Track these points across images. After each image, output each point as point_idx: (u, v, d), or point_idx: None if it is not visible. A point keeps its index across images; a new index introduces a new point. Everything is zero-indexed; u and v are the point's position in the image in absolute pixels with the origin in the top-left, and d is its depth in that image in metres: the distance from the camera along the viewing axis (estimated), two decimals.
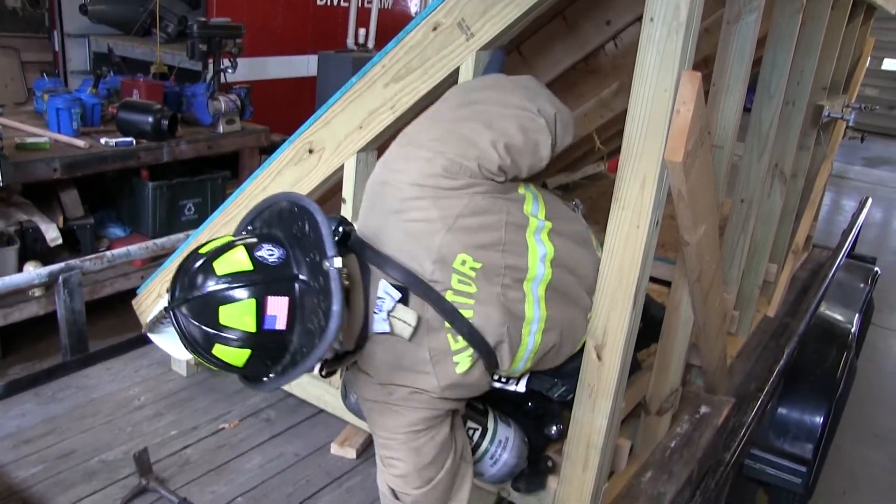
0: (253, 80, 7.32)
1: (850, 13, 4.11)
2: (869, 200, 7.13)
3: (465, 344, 2.01)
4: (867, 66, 5.72)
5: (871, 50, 5.64)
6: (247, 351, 1.75)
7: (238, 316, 1.71)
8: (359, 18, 8.54)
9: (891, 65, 17.32)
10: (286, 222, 1.85)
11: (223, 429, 3.15)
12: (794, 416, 4.32)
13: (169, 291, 1.77)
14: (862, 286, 5.69)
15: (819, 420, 4.31)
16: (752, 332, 4.22)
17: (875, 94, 16.06)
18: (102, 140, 5.41)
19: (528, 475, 2.49)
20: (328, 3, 8.69)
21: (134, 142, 5.50)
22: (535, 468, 2.50)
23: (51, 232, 5.11)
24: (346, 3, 8.68)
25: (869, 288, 5.74)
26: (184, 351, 1.79)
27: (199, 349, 1.77)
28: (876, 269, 6.17)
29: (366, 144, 2.60)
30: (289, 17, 8.28)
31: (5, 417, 3.17)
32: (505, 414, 2.42)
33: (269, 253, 1.76)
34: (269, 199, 1.93)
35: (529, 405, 2.47)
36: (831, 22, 3.66)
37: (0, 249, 4.80)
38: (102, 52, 7.41)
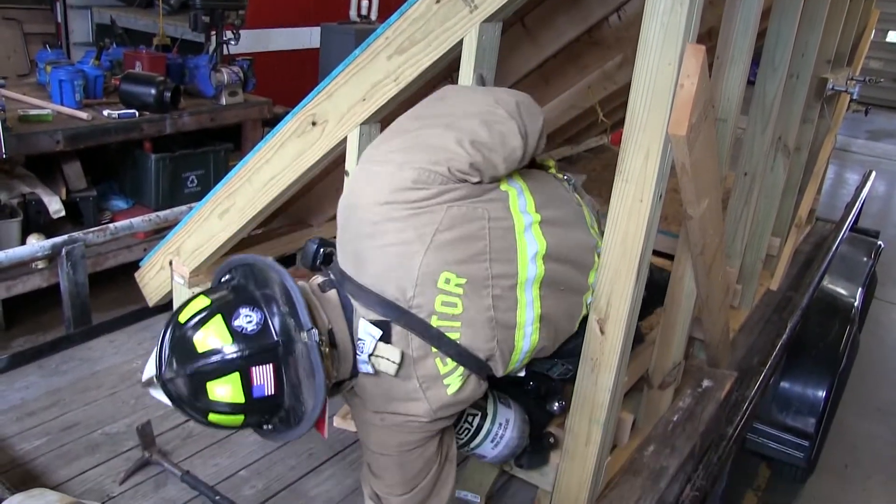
0: (256, 51, 7.28)
1: None
2: (872, 174, 7.11)
3: (455, 364, 1.95)
4: (872, 38, 5.68)
5: (875, 22, 5.62)
6: (241, 416, 1.78)
7: (225, 389, 1.73)
8: None
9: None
10: (259, 282, 1.84)
11: None
12: (797, 391, 4.34)
13: (156, 363, 1.78)
14: (865, 260, 5.69)
15: (821, 394, 4.32)
16: (755, 305, 4.22)
17: (879, 67, 15.98)
18: (105, 112, 5.40)
19: (531, 452, 2.48)
20: None
21: (137, 114, 5.48)
22: (537, 444, 2.49)
23: (54, 204, 5.11)
24: None
25: (872, 262, 5.74)
26: None
27: (195, 418, 1.80)
28: (879, 242, 6.16)
29: (369, 117, 2.58)
30: None
31: (9, 390, 3.18)
32: (505, 394, 2.40)
33: (248, 320, 1.75)
34: (237, 258, 1.92)
35: (531, 385, 2.46)
36: None
37: (3, 222, 4.81)
38: (105, 23, 7.37)
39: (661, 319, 2.93)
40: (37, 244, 3.69)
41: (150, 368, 1.81)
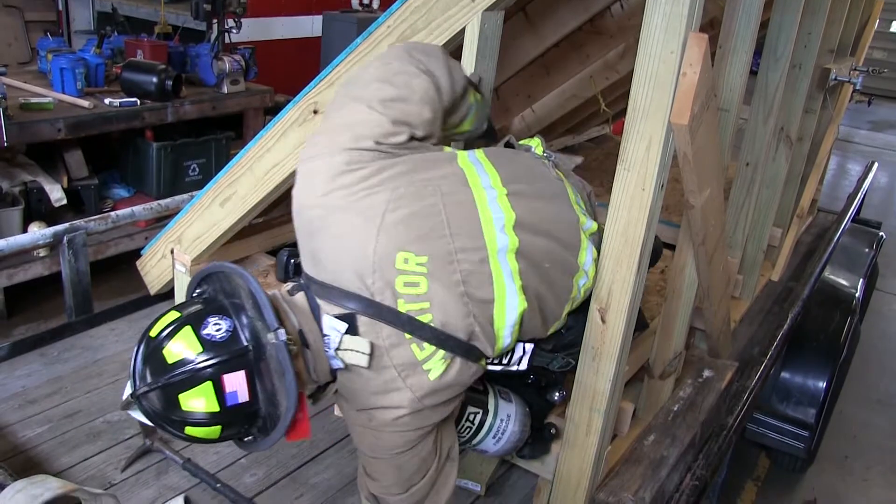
0: (257, 40, 7.26)
1: None
2: (875, 165, 7.10)
3: (434, 348, 1.88)
4: (875, 28, 5.67)
5: (879, 12, 5.60)
6: (218, 426, 1.77)
7: (198, 400, 1.71)
8: None
9: None
10: (228, 291, 1.83)
11: None
12: (798, 381, 4.34)
13: (130, 379, 1.77)
14: (867, 251, 5.69)
15: (822, 385, 4.33)
16: (756, 296, 4.22)
17: (883, 57, 15.93)
18: (106, 100, 5.39)
19: (533, 443, 2.48)
20: None
21: (138, 102, 5.47)
22: (539, 435, 2.49)
23: (55, 192, 5.11)
24: None
25: (874, 253, 5.74)
26: None
27: (171, 432, 1.78)
28: (881, 233, 6.16)
29: None
30: None
31: (11, 377, 3.19)
32: (505, 388, 2.39)
33: (216, 328, 1.74)
34: (205, 268, 1.92)
35: (531, 378, 2.44)
36: None
37: (4, 210, 4.80)
38: (106, 11, 7.35)
39: (663, 309, 2.93)
40: (38, 232, 3.69)
41: (128, 389, 1.80)
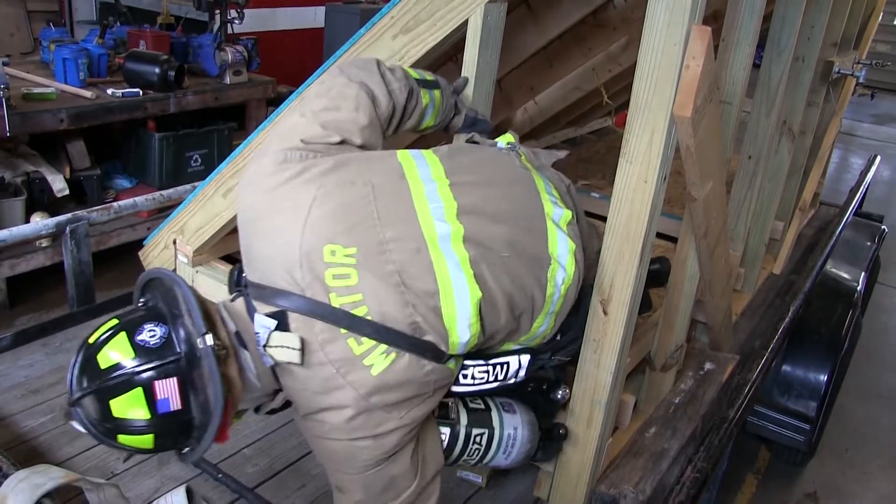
0: (260, 31, 7.26)
1: None
2: (877, 158, 7.07)
3: (374, 342, 1.81)
4: (879, 21, 5.66)
5: (883, 5, 5.58)
6: (150, 435, 1.74)
7: (129, 406, 1.69)
8: None
9: None
10: (168, 299, 1.82)
11: None
12: (799, 374, 4.35)
13: (67, 386, 1.77)
14: (869, 244, 5.68)
15: (823, 378, 4.33)
16: (758, 289, 4.22)
17: (886, 50, 15.87)
18: (109, 91, 5.40)
19: (543, 447, 2.45)
20: None
21: (140, 92, 5.48)
22: (548, 436, 2.46)
23: (57, 183, 5.12)
24: None
25: (876, 246, 5.73)
26: None
27: (105, 441, 1.77)
28: (883, 227, 6.15)
29: None
30: None
31: (13, 367, 3.19)
32: (507, 399, 2.34)
33: (151, 334, 1.73)
34: (144, 275, 1.91)
35: (531, 387, 2.42)
36: None
37: (7, 200, 4.81)
38: (109, 1, 7.34)
39: (664, 302, 2.93)
40: (40, 222, 3.68)
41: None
